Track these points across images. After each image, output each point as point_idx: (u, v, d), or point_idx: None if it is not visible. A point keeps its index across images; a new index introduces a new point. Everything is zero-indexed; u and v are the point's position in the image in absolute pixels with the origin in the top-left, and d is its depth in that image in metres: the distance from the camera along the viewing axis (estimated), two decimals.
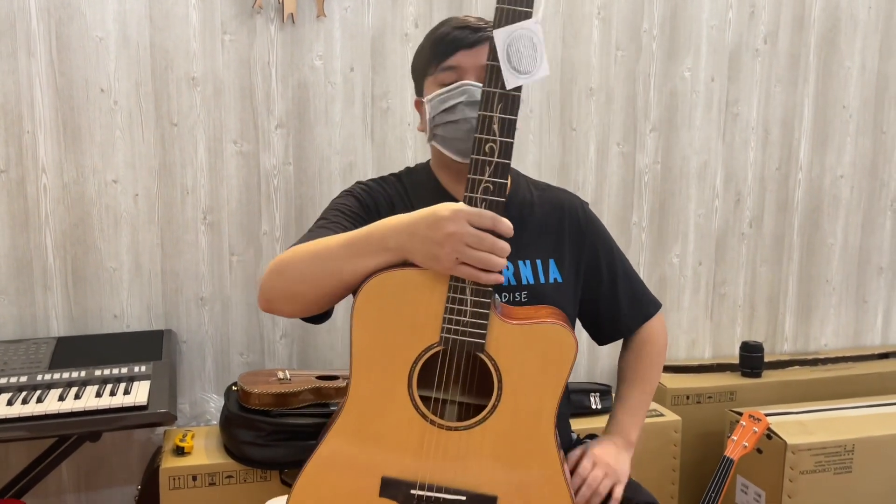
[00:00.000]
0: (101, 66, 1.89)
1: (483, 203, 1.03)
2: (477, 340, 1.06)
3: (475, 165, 1.04)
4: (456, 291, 1.05)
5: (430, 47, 1.32)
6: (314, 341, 2.12)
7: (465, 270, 1.03)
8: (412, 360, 1.07)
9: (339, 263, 1.09)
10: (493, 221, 1.02)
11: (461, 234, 1.01)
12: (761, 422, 1.93)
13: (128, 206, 1.95)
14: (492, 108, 1.03)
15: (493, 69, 1.03)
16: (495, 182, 1.03)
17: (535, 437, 1.09)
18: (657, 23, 2.28)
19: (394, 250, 1.06)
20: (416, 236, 1.04)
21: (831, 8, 2.43)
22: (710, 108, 2.37)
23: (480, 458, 1.08)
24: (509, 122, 1.03)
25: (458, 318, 1.05)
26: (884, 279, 2.64)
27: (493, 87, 1.03)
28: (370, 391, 1.09)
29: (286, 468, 1.74)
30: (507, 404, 1.08)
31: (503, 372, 1.07)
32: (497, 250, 1.02)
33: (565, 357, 1.08)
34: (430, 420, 1.08)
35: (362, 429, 1.09)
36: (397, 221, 1.07)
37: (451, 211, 1.02)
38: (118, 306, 1.97)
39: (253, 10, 1.96)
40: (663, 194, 2.37)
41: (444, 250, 1.02)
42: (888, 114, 2.55)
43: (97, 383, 1.62)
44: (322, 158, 2.06)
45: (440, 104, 1.28)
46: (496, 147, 1.03)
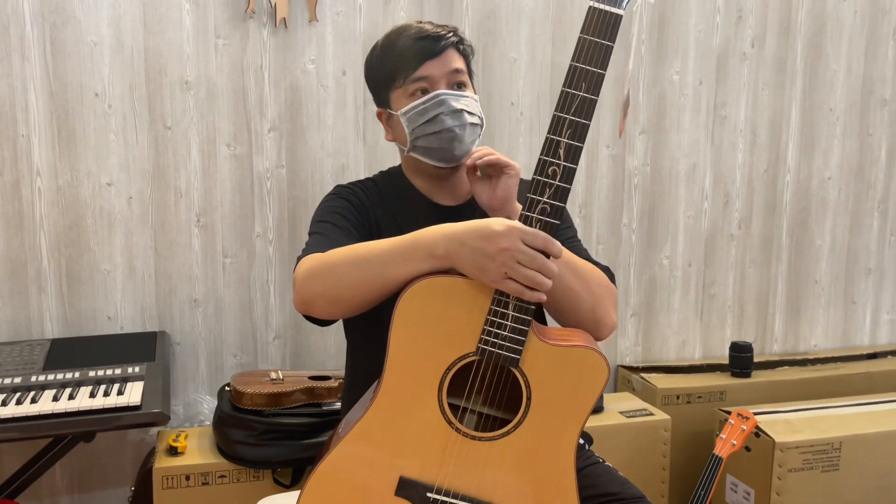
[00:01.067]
0: (96, 70, 1.91)
1: (538, 223, 1.05)
2: (513, 355, 1.07)
3: (536, 186, 1.06)
4: (499, 305, 1.06)
5: (393, 59, 1.33)
6: (307, 342, 2.13)
7: (511, 286, 1.04)
8: (446, 366, 1.08)
9: (386, 268, 1.11)
10: (546, 242, 1.04)
11: (513, 251, 1.02)
12: (749, 420, 1.95)
13: (122, 208, 1.97)
14: (560, 133, 1.05)
15: (567, 96, 1.05)
16: (553, 205, 1.06)
17: (555, 458, 1.10)
18: (646, 26, 2.31)
19: (441, 257, 1.08)
20: (466, 246, 1.05)
21: (817, 12, 2.46)
22: (699, 110, 2.40)
23: (499, 470, 1.09)
24: (575, 149, 1.06)
25: (498, 330, 1.06)
26: (871, 280, 2.67)
27: (564, 112, 1.05)
28: (401, 390, 1.10)
29: (279, 467, 1.75)
30: (533, 421, 1.09)
31: (533, 389, 1.08)
32: (546, 270, 1.04)
33: (597, 383, 1.08)
34: (456, 427, 1.09)
35: (388, 426, 1.10)
36: (448, 230, 1.09)
37: (506, 227, 1.04)
38: (112, 308, 1.99)
39: (246, 15, 1.98)
40: (653, 196, 2.40)
41: (495, 264, 1.03)
42: (874, 116, 2.58)
43: (91, 384, 1.63)
44: (314, 161, 2.08)
45: (418, 117, 1.30)
46: (559, 171, 1.06)
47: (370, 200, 1.38)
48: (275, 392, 1.75)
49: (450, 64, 1.31)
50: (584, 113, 1.05)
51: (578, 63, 1.05)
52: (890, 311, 2.72)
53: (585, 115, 1.05)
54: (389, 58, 1.34)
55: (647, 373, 2.34)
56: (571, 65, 1.04)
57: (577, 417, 1.09)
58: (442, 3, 2.12)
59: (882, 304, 2.70)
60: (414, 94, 1.31)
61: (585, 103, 1.05)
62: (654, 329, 2.46)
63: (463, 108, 1.30)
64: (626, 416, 2.06)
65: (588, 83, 1.05)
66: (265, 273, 2.08)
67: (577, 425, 1.09)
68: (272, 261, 2.08)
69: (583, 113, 1.05)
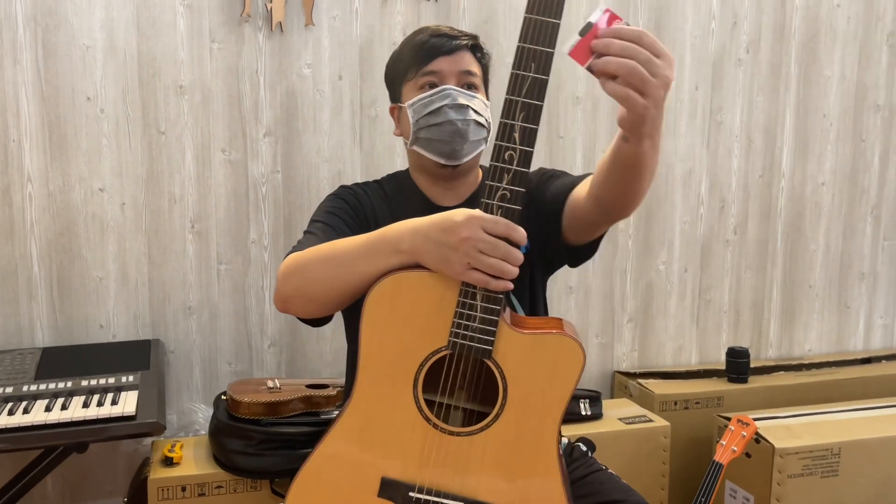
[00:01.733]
0: (88, 74, 1.88)
1: (499, 210, 1.03)
2: (485, 347, 1.06)
3: (493, 172, 1.03)
4: (466, 297, 1.05)
5: (409, 53, 1.35)
6: (303, 350, 2.11)
7: (476, 276, 1.03)
8: (419, 362, 1.07)
9: (355, 264, 1.11)
10: (508, 229, 1.02)
11: (475, 240, 1.01)
12: (749, 426, 1.94)
13: (114, 214, 1.93)
14: (514, 117, 1.02)
15: (517, 77, 1.02)
16: (513, 190, 1.03)
17: (537, 449, 1.08)
18: None
19: (407, 252, 1.07)
20: (430, 240, 1.04)
21: (811, 18, 2.47)
22: (695, 116, 2.40)
23: (481, 465, 1.08)
24: (530, 132, 1.02)
25: (468, 322, 1.05)
26: (865, 284, 2.68)
27: (516, 95, 1.02)
28: (375, 391, 1.09)
29: (276, 477, 1.72)
30: (511, 413, 1.07)
31: (509, 380, 1.07)
32: (510, 258, 1.02)
33: (573, 369, 1.07)
34: (434, 424, 1.08)
35: (366, 427, 1.09)
36: (412, 224, 1.08)
37: (465, 216, 1.02)
38: (104, 316, 1.95)
39: (241, 19, 1.96)
40: (649, 201, 2.39)
41: (457, 255, 1.02)
42: (867, 122, 2.59)
43: (84, 394, 1.60)
44: (310, 166, 2.06)
45: (423, 108, 1.31)
46: (516, 155, 1.03)
47: (371, 202, 1.38)
48: (272, 401, 1.72)
49: (461, 63, 1.32)
50: (535, 94, 1.02)
51: (525, 44, 1.01)
52: (883, 316, 2.73)
53: (537, 96, 1.02)
54: (405, 52, 1.36)
55: (644, 379, 2.33)
56: (518, 46, 1.01)
57: (556, 407, 1.08)
58: (439, 8, 2.11)
59: (875, 308, 2.71)
60: (423, 87, 1.32)
61: (536, 84, 1.01)
62: (650, 335, 2.46)
63: (468, 105, 1.30)
64: (626, 422, 2.04)
65: (537, 63, 1.01)
66: (260, 280, 2.05)
67: (557, 414, 1.08)
68: (267, 267, 2.05)
69: (534, 94, 1.01)
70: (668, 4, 2.32)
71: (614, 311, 2.41)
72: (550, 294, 2.24)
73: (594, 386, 2.38)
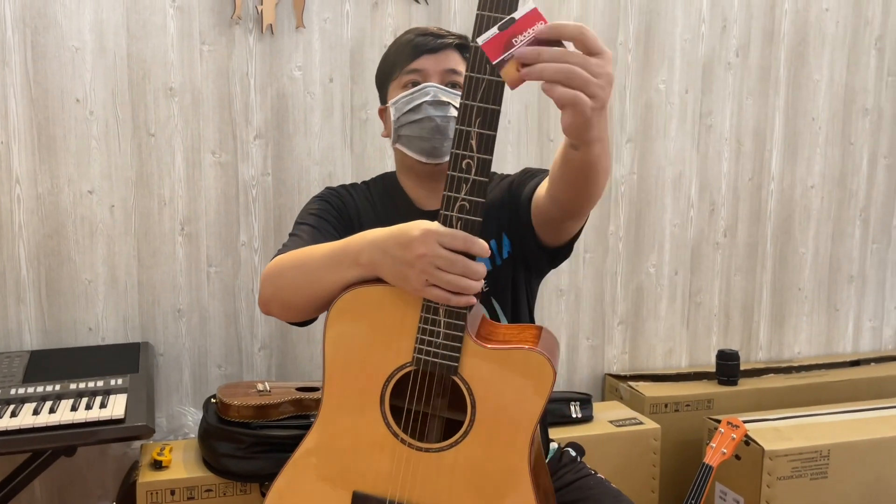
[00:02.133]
0: (77, 76, 1.87)
1: (458, 222, 0.98)
2: (450, 363, 1.02)
3: (451, 182, 0.98)
4: (429, 312, 1.01)
5: (395, 53, 1.35)
6: (293, 353, 2.10)
7: (435, 293, 0.98)
8: (384, 377, 1.05)
9: (320, 273, 1.09)
10: (466, 243, 0.97)
11: (431, 257, 0.96)
12: (739, 428, 1.95)
13: (103, 217, 1.93)
14: (469, 123, 0.97)
15: (471, 81, 0.96)
16: (472, 201, 0.97)
17: (508, 465, 1.05)
18: (632, 35, 2.32)
19: (366, 266, 1.04)
20: (387, 254, 1.00)
21: (800, 22, 2.49)
22: (685, 119, 2.41)
23: (452, 481, 1.05)
24: (487, 138, 0.96)
25: (431, 339, 1.01)
26: (854, 287, 2.70)
27: (470, 100, 0.96)
28: (342, 406, 1.06)
29: (266, 480, 1.72)
30: (481, 429, 1.04)
31: (477, 396, 1.03)
32: (470, 273, 0.97)
33: (542, 386, 1.02)
34: (402, 439, 1.06)
35: (335, 443, 1.07)
36: (372, 236, 1.05)
37: (421, 231, 0.98)
38: (93, 319, 1.94)
39: (231, 21, 1.95)
40: (639, 204, 2.40)
41: (414, 271, 0.98)
42: (855, 125, 2.61)
43: (72, 397, 1.59)
44: (301, 169, 2.06)
45: (405, 105, 1.31)
46: (473, 164, 0.97)
47: (356, 204, 1.37)
48: (262, 404, 1.72)
49: (446, 62, 1.31)
50: (492, 98, 0.95)
51: (479, 43, 0.93)
52: (872, 319, 2.74)
53: (493, 100, 0.95)
54: (391, 52, 1.37)
55: (634, 381, 2.34)
56: (472, 45, 0.94)
57: (527, 422, 1.04)
58: (430, 10, 2.11)
59: (864, 311, 2.73)
60: (406, 85, 1.32)
61: (492, 87, 0.95)
62: (640, 337, 2.46)
63: (450, 102, 1.29)
64: (616, 425, 2.05)
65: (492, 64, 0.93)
66: (250, 282, 2.05)
67: (528, 429, 1.04)
68: (258, 270, 2.05)
69: (490, 98, 0.95)
70: (659, 8, 2.33)
71: (605, 314, 2.41)
72: (541, 296, 2.26)
73: (585, 388, 2.39)
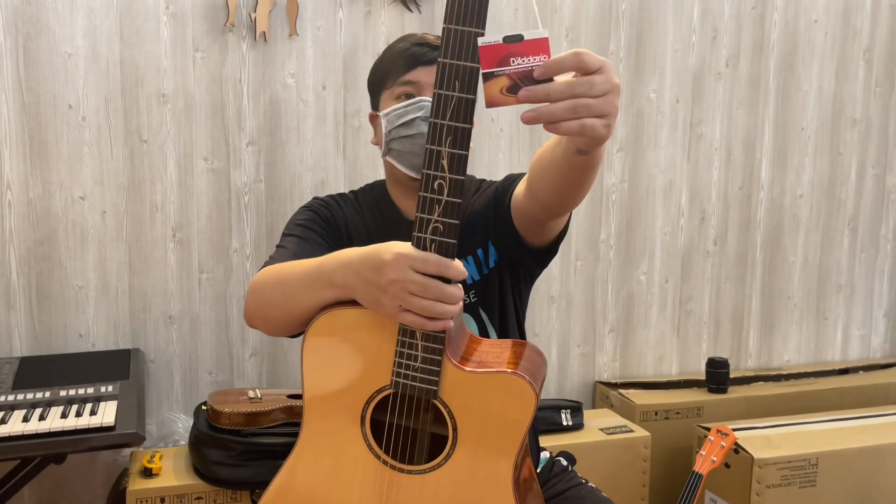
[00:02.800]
0: (70, 82, 1.87)
1: (432, 244, 0.94)
2: (429, 387, 1.00)
3: (424, 203, 0.95)
4: (406, 335, 0.99)
5: (388, 61, 1.32)
6: (284, 360, 2.10)
7: (409, 318, 0.95)
8: (364, 400, 1.03)
9: (297, 292, 1.07)
10: (440, 267, 0.93)
11: (403, 282, 0.93)
12: (729, 436, 1.96)
13: (95, 222, 1.92)
14: (440, 142, 0.93)
15: (440, 98, 0.92)
16: (445, 222, 0.94)
17: (491, 488, 1.03)
18: (623, 45, 2.33)
19: (340, 287, 1.02)
20: (360, 277, 0.98)
21: (789, 33, 2.51)
22: (676, 128, 2.43)
23: (436, 503, 1.04)
24: (459, 158, 0.93)
25: (409, 362, 0.99)
26: (842, 296, 2.72)
27: (440, 118, 0.92)
28: (323, 428, 1.05)
29: (257, 488, 1.71)
30: (463, 452, 1.02)
31: (458, 419, 1.01)
32: (444, 297, 0.94)
33: (524, 410, 1.00)
34: (384, 461, 1.05)
35: (317, 464, 1.06)
36: (346, 257, 1.02)
37: (392, 255, 0.94)
38: (84, 325, 1.94)
39: (225, 28, 1.96)
40: (630, 212, 2.41)
41: (387, 297, 0.95)
42: (844, 135, 2.63)
43: (62, 404, 1.58)
44: (293, 176, 2.06)
45: (397, 118, 1.28)
46: (445, 184, 0.94)
47: (345, 213, 1.35)
48: (253, 411, 1.71)
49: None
50: (462, 116, 0.92)
51: (446, 59, 0.91)
52: (860, 327, 2.76)
53: (464, 118, 0.92)
54: (386, 59, 1.34)
55: (625, 389, 2.35)
56: (439, 62, 0.91)
57: (510, 445, 1.02)
58: (423, 19, 2.12)
59: (853, 319, 2.75)
60: (399, 97, 1.29)
61: (462, 104, 0.92)
62: (631, 345, 2.47)
63: None
64: (607, 433, 2.05)
65: (461, 81, 0.91)
66: (242, 289, 2.04)
67: (511, 451, 1.02)
68: (249, 276, 2.04)
69: (461, 116, 0.92)
70: (650, 17, 2.35)
71: (596, 322, 2.42)
72: (532, 303, 2.26)
73: (576, 396, 2.39)
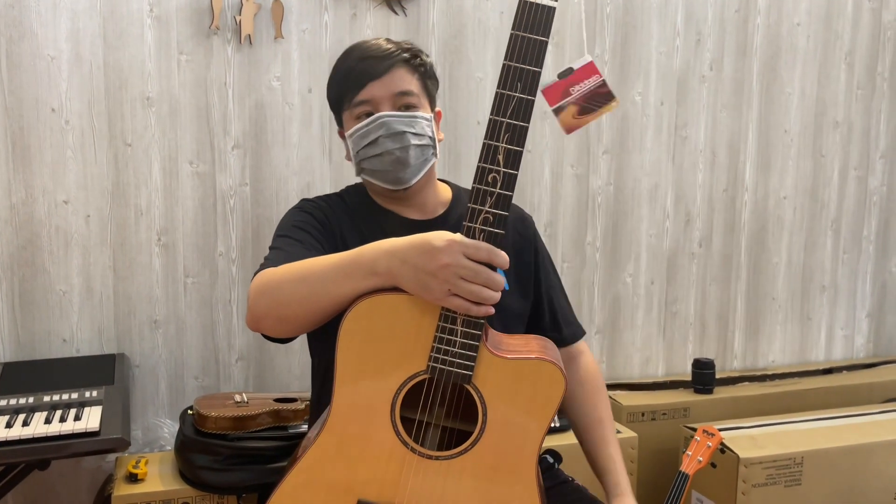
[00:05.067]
0: (53, 86, 1.86)
1: (482, 234, 1.01)
2: (465, 372, 1.04)
3: (476, 195, 1.01)
4: (447, 321, 1.03)
5: (340, 83, 1.32)
6: (271, 364, 2.09)
7: (456, 302, 1.01)
8: (396, 386, 1.06)
9: (328, 286, 1.07)
10: (490, 254, 1.00)
11: (455, 267, 0.98)
12: (715, 437, 1.97)
13: (79, 227, 1.91)
14: (498, 138, 1.00)
15: (502, 97, 1.00)
16: (496, 214, 1.01)
17: (516, 474, 1.07)
18: (608, 48, 2.35)
19: (383, 275, 1.04)
20: (408, 263, 1.01)
21: (772, 36, 2.54)
22: (661, 131, 2.44)
23: (459, 489, 1.07)
24: (515, 154, 1.00)
25: (448, 347, 1.03)
26: (826, 297, 2.74)
27: (500, 116, 1.00)
28: (352, 413, 1.07)
29: (244, 493, 1.71)
30: (490, 437, 1.06)
31: (489, 405, 1.05)
32: (491, 283, 1.00)
33: (554, 395, 1.05)
34: (412, 447, 1.07)
35: (342, 450, 1.07)
36: (389, 245, 1.05)
37: (446, 241, 0.99)
38: (68, 330, 1.92)
39: (210, 31, 1.95)
40: (616, 215, 2.42)
41: (437, 281, 1.00)
42: (826, 138, 2.66)
43: (46, 409, 1.57)
44: (279, 179, 2.05)
45: (361, 139, 1.29)
46: (499, 178, 1.01)
47: (335, 214, 1.35)
48: (240, 415, 1.71)
49: (395, 85, 1.28)
50: (521, 115, 1.00)
51: (512, 62, 0.99)
52: (844, 327, 2.79)
53: (523, 117, 1.00)
54: (337, 80, 1.34)
55: (611, 390, 2.35)
56: (504, 64, 1.00)
57: (537, 432, 1.07)
58: (408, 22, 2.12)
59: (836, 320, 2.77)
60: (359, 116, 1.30)
61: (522, 104, 1.00)
62: (617, 346, 2.48)
63: (406, 130, 1.27)
64: None
65: (524, 83, 1.00)
66: (228, 293, 2.04)
67: (537, 440, 1.07)
68: (235, 280, 2.04)
69: (520, 115, 1.00)
70: (634, 21, 2.36)
71: (582, 323, 2.41)
72: None
73: None
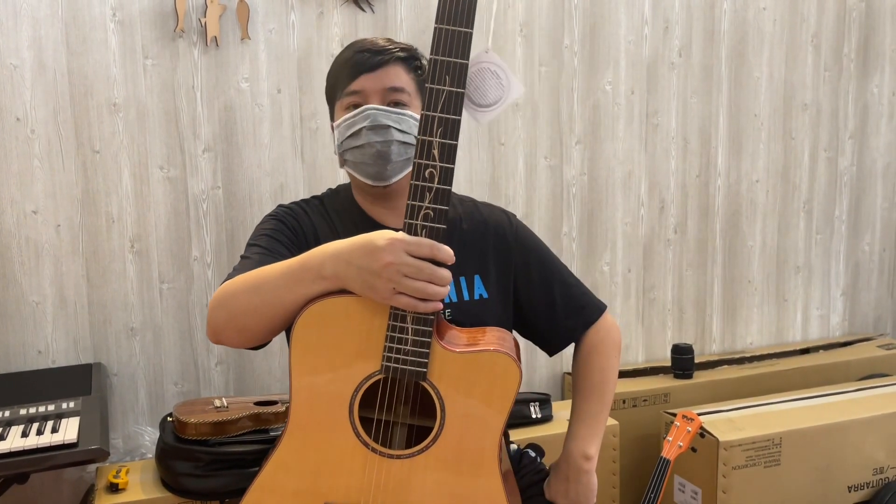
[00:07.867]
0: (17, 95, 1.83)
1: (423, 230, 1.02)
2: (419, 369, 1.04)
3: (415, 191, 1.02)
4: (397, 320, 1.03)
5: (335, 72, 1.33)
6: (251, 367, 2.08)
7: (402, 301, 1.01)
8: (353, 388, 1.06)
9: (279, 293, 1.08)
10: (432, 250, 1.00)
11: (398, 265, 0.99)
12: (694, 421, 1.99)
13: (49, 237, 1.89)
14: (431, 133, 1.01)
15: (432, 92, 1.00)
16: (436, 209, 1.01)
17: (478, 467, 1.08)
18: (577, 38, 2.35)
19: (330, 278, 1.05)
20: (352, 265, 1.02)
21: (739, 21, 2.55)
22: (632, 119, 2.45)
23: (423, 486, 1.07)
24: (449, 147, 1.01)
25: (400, 346, 1.04)
26: (801, 277, 2.77)
27: (432, 111, 1.00)
28: (311, 418, 1.07)
29: (227, 498, 1.70)
30: (450, 432, 1.07)
31: (446, 400, 1.06)
32: (436, 279, 1.00)
33: (509, 386, 1.06)
34: (372, 448, 1.07)
35: (304, 456, 1.08)
36: (333, 248, 1.05)
37: (387, 240, 1.00)
38: (42, 342, 1.90)
39: (175, 34, 1.93)
40: (591, 204, 2.44)
41: (381, 280, 1.00)
42: (796, 120, 2.68)
43: (23, 423, 1.55)
44: (252, 181, 2.04)
45: (346, 129, 1.29)
46: (436, 172, 1.01)
47: (311, 220, 1.34)
48: (220, 420, 1.70)
49: (387, 80, 1.28)
50: (452, 108, 1.01)
51: (438, 56, 1.00)
52: (819, 307, 2.82)
53: (454, 110, 1.01)
54: (333, 70, 1.35)
55: None
56: (430, 58, 1.00)
57: (496, 423, 1.08)
58: (376, 19, 2.11)
59: (811, 300, 2.81)
60: (348, 107, 1.30)
61: (452, 97, 1.01)
62: None
63: (390, 125, 1.26)
64: None
65: (451, 76, 1.00)
66: (204, 297, 2.02)
67: (497, 430, 1.08)
68: (211, 284, 2.03)
69: (451, 108, 1.01)
70: (602, 11, 2.37)
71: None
72: None
73: (544, 388, 2.41)
